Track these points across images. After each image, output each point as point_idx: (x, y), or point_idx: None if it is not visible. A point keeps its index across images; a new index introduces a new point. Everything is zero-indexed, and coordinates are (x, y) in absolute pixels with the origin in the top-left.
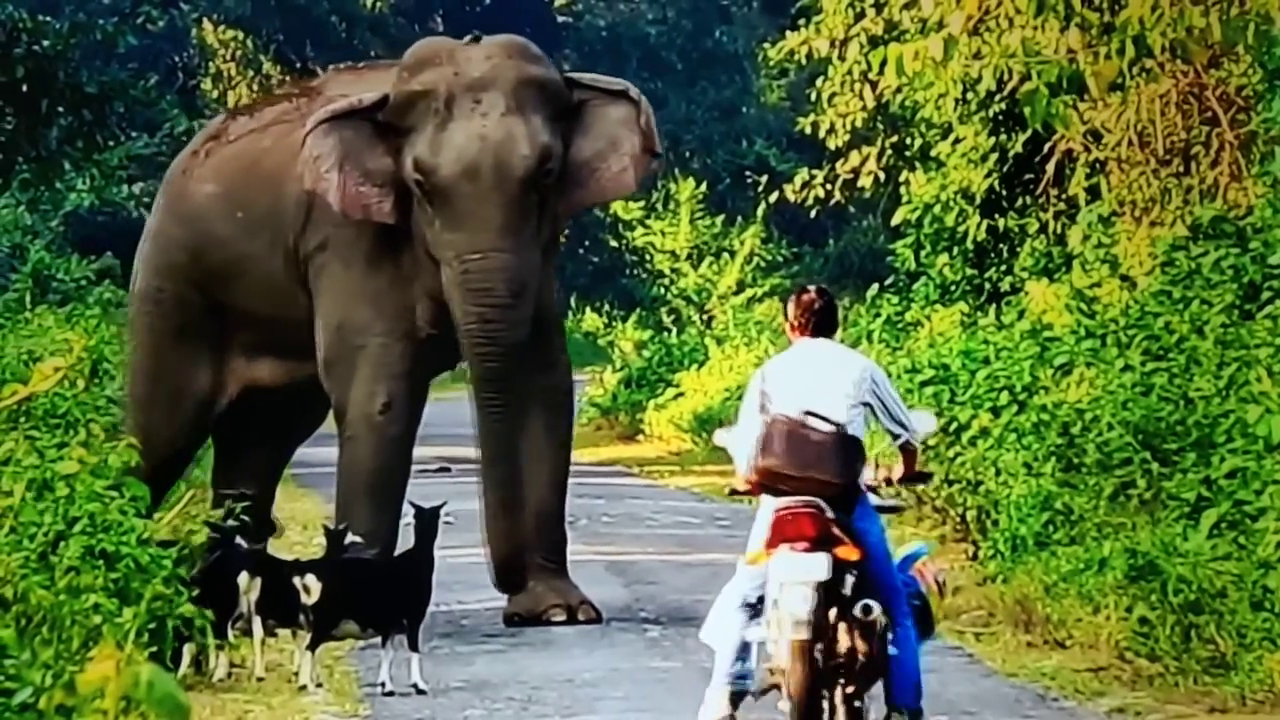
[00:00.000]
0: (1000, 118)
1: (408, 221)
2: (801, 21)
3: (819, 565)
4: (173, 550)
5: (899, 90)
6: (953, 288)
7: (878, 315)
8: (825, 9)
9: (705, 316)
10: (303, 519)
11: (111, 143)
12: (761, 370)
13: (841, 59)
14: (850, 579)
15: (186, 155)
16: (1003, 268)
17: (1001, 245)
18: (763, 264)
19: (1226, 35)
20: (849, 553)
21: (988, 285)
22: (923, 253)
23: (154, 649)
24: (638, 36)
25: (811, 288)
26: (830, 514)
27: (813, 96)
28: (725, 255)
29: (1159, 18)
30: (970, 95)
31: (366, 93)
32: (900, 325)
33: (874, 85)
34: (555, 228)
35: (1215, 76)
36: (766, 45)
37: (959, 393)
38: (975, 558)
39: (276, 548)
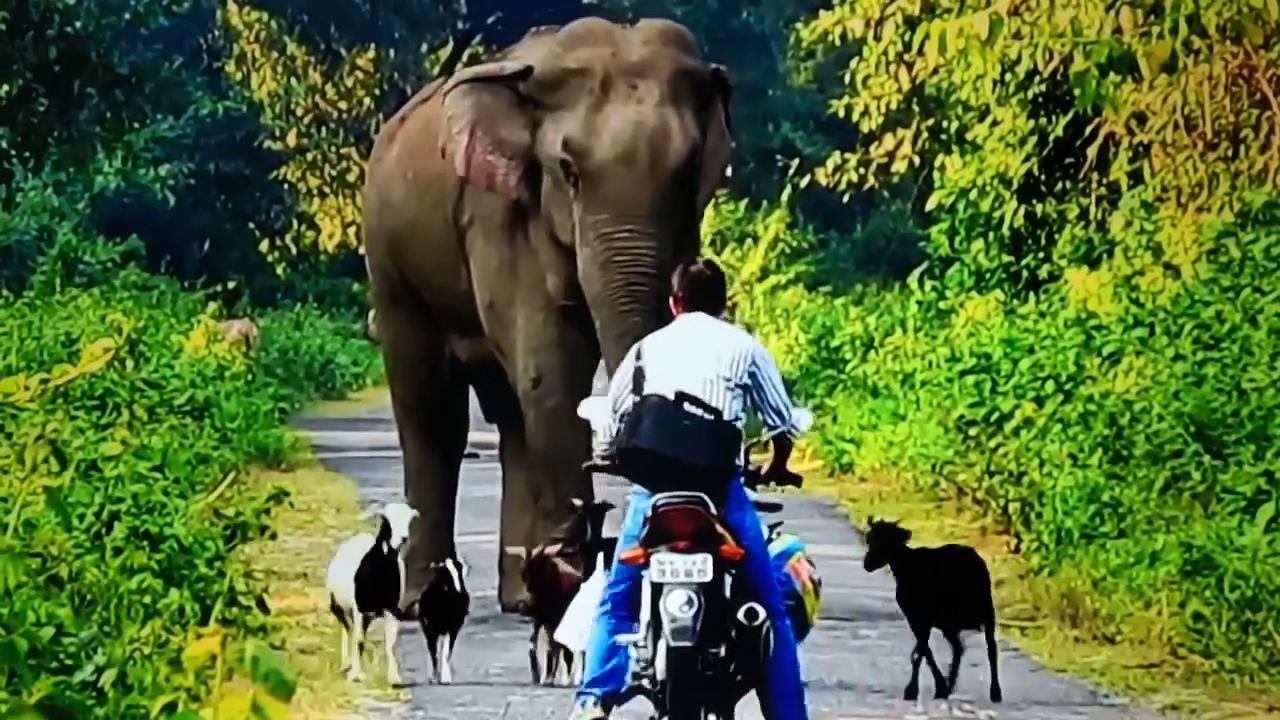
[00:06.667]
0: (1040, 100)
1: (535, 198)
2: (835, 1)
3: (702, 566)
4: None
5: (935, 72)
6: (988, 275)
7: (919, 303)
8: None
9: (729, 303)
10: (336, 502)
11: (136, 124)
12: (639, 345)
13: (877, 39)
14: (729, 579)
15: (394, 120)
16: (1040, 254)
17: (1039, 231)
18: (788, 250)
19: None
20: (733, 552)
21: (1025, 272)
22: (957, 238)
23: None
24: (664, 17)
25: (700, 261)
26: (713, 510)
27: (845, 78)
28: (749, 241)
29: None
30: (1009, 77)
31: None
32: (933, 313)
33: (909, 66)
34: (692, 222)
35: (1266, 58)
36: (799, 26)
37: (1001, 382)
38: (1017, 550)
39: (310, 531)
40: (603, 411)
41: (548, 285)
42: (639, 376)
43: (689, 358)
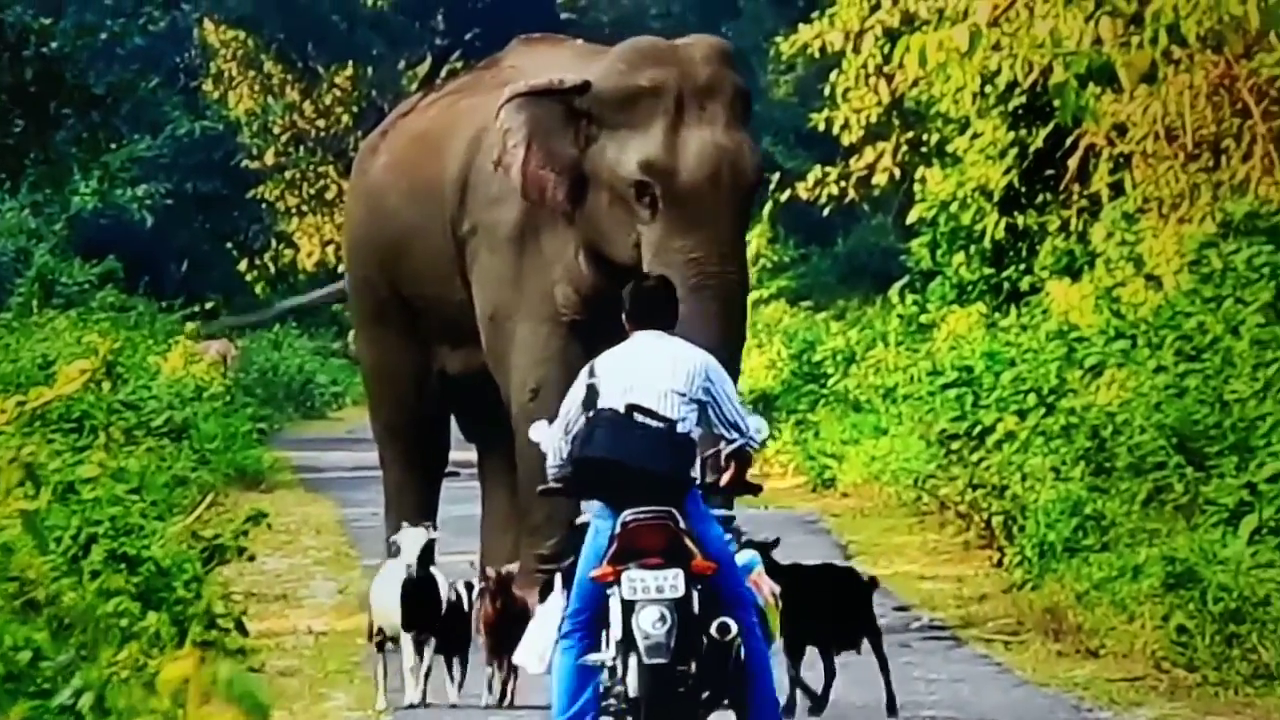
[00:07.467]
0: (1020, 111)
1: (574, 212)
2: (814, 14)
3: (674, 581)
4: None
5: (915, 84)
6: (969, 288)
7: (900, 317)
8: (840, 1)
9: None
10: (315, 524)
11: (114, 145)
12: (591, 363)
13: (856, 52)
14: (696, 594)
15: (376, 133)
16: (1021, 267)
17: (1020, 244)
18: (769, 265)
19: (1265, 23)
20: (704, 567)
21: (1006, 285)
22: (938, 251)
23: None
24: (642, 32)
25: (652, 277)
26: (682, 524)
27: (825, 91)
28: None
29: (1194, 6)
30: (989, 89)
31: (548, 66)
32: (914, 327)
33: (889, 79)
34: None
35: (1247, 67)
36: (778, 39)
37: (983, 395)
38: (1000, 564)
39: (289, 552)
40: (554, 434)
41: (556, 298)
42: (591, 394)
43: (642, 372)
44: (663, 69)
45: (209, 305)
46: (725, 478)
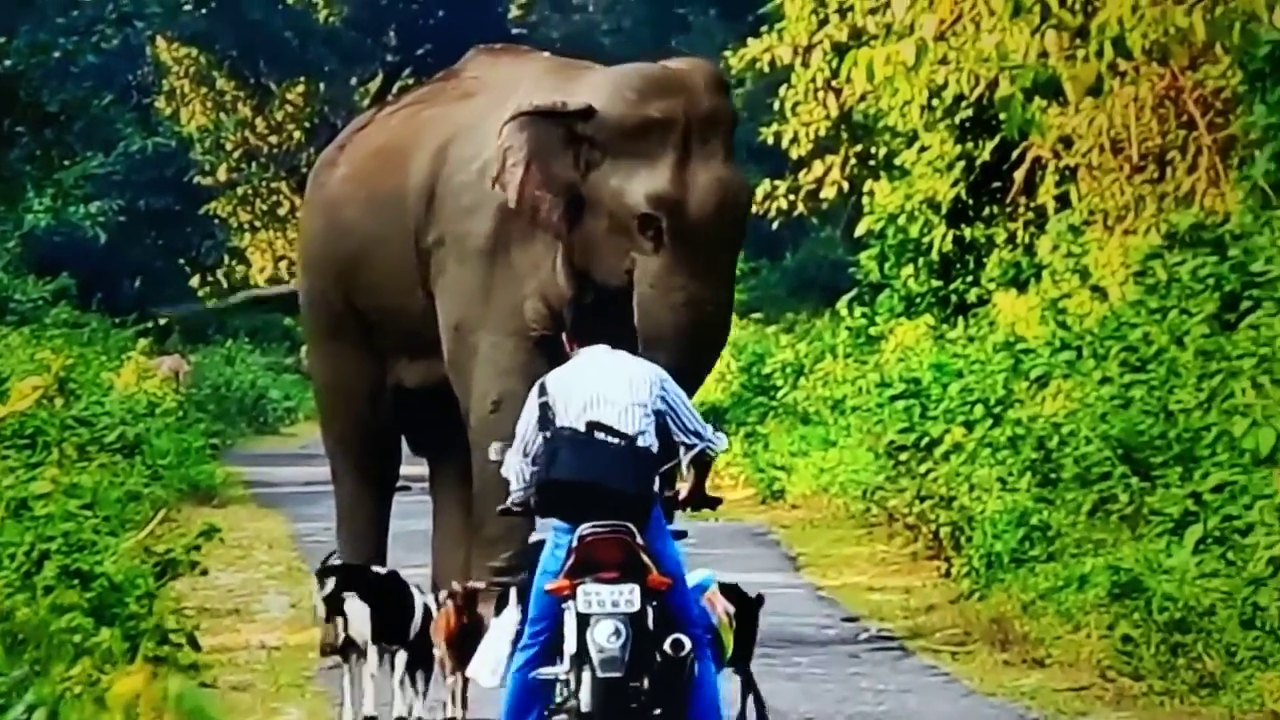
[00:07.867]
0: (967, 125)
1: (569, 235)
2: (763, 29)
3: (630, 596)
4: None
5: (863, 98)
6: (918, 300)
7: (849, 329)
8: (788, 15)
9: None
10: (267, 538)
11: (67, 162)
12: (541, 382)
13: (805, 66)
14: (651, 610)
15: (332, 148)
16: (969, 279)
17: (968, 256)
18: None
19: (1211, 35)
20: (660, 583)
21: (954, 297)
22: (887, 264)
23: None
24: (593, 47)
25: (591, 293)
26: (639, 540)
27: (774, 106)
28: None
29: (1140, 19)
30: (936, 102)
31: (515, 78)
32: (863, 339)
33: (838, 93)
34: None
35: (1192, 79)
36: (727, 54)
37: (930, 407)
38: (948, 575)
39: (242, 567)
40: (513, 457)
41: (526, 312)
42: (546, 413)
43: (599, 388)
44: (670, 100)
45: (162, 321)
46: (684, 492)
